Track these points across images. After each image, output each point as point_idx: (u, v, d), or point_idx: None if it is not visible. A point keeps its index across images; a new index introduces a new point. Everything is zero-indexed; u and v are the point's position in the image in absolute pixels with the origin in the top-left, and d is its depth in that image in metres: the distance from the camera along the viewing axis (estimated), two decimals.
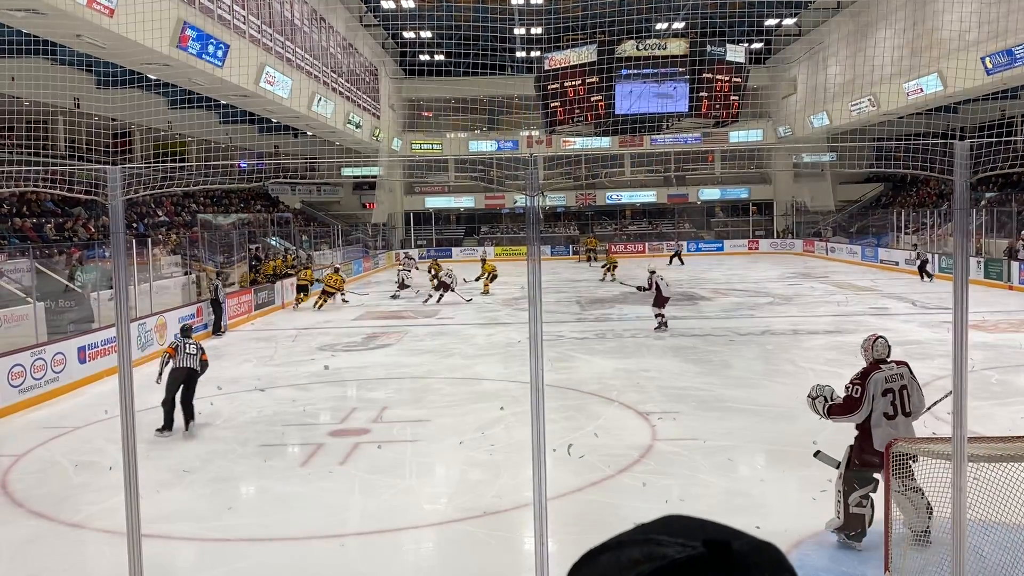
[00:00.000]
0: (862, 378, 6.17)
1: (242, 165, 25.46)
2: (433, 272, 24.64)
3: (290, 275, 25.61)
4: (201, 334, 17.98)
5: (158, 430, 9.83)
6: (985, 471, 4.89)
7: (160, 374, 10.07)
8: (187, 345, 10.19)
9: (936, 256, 27.23)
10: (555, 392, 10.97)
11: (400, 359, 14.81)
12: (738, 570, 0.68)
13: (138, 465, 4.76)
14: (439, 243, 44.71)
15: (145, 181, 5.85)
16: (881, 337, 6.44)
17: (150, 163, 24.01)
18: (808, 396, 6.47)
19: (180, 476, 8.38)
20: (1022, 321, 17.07)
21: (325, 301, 22.81)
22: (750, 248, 43.80)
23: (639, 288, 17.97)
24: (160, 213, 28.16)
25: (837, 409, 6.23)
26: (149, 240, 18.78)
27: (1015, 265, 23.17)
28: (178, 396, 9.97)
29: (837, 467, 6.32)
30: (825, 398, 6.35)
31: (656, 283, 16.91)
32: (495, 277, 25.99)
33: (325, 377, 13.24)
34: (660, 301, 16.93)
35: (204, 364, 10.30)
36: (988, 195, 32.21)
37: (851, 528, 6.17)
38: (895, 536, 5.62)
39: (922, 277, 26.83)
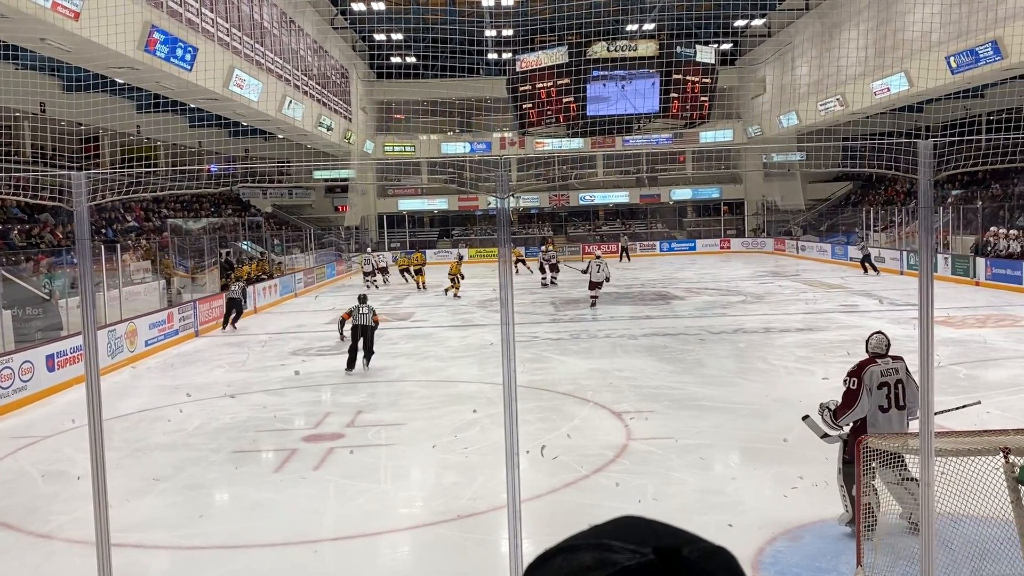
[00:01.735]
0: (858, 371, 6.25)
1: (212, 169, 25.20)
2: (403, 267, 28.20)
3: (263, 279, 25.39)
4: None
5: (346, 371, 13.31)
6: (953, 465, 4.96)
7: (340, 333, 13.84)
8: (361, 308, 13.28)
9: (904, 253, 27.60)
10: (529, 393, 10.99)
11: (374, 362, 14.74)
12: None
13: (108, 474, 4.69)
14: (412, 245, 44.53)
15: (112, 186, 5.77)
16: (880, 333, 6.58)
17: (118, 168, 23.76)
18: (819, 416, 6.50)
19: (151, 484, 8.28)
20: (988, 316, 17.35)
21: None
22: (722, 247, 44.13)
23: (583, 271, 22.42)
24: (130, 219, 27.82)
25: (840, 408, 6.27)
26: (118, 246, 18.54)
27: (981, 261, 23.55)
28: (360, 344, 13.25)
29: (822, 437, 6.43)
30: (828, 408, 6.40)
31: (591, 268, 21.07)
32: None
33: (298, 382, 13.15)
34: (591, 284, 21.06)
35: (376, 323, 13.47)
36: (955, 192, 32.68)
37: (863, 518, 6.23)
38: (884, 526, 5.70)
39: (864, 270, 27.26)
